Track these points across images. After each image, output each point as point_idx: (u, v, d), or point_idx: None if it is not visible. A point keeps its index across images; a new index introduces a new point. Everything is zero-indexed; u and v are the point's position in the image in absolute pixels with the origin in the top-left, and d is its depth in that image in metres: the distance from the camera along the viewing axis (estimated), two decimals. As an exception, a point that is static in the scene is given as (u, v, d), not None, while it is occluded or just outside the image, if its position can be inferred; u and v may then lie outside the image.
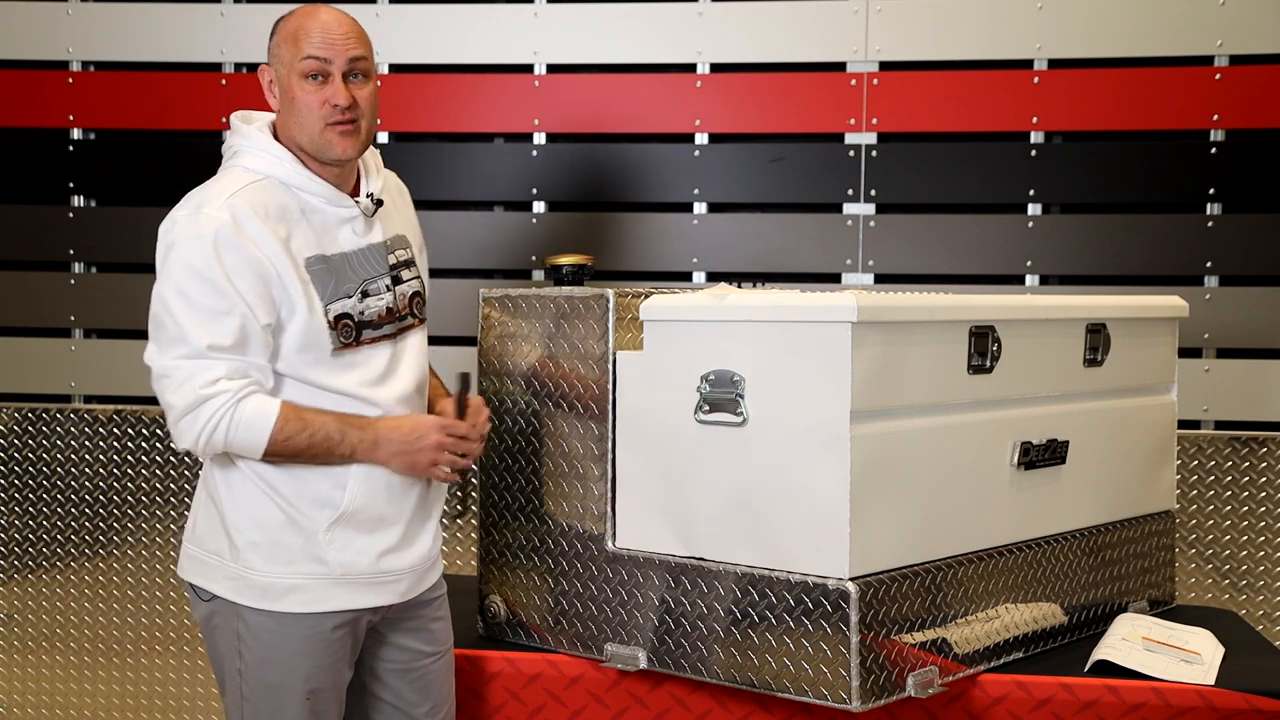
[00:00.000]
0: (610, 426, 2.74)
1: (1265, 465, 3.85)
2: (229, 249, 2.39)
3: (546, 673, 2.83)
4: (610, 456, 2.75)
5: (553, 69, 4.04)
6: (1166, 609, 3.20)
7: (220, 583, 2.54)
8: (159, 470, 4.14)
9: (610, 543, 2.76)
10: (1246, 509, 3.87)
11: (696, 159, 4.00)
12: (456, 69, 4.07)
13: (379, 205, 2.59)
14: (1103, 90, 3.87)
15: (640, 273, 3.97)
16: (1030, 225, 3.92)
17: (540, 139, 4.06)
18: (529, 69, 4.06)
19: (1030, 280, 3.92)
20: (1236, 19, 3.82)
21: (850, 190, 3.94)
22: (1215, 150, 3.86)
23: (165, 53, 4.16)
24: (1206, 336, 3.87)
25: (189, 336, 2.39)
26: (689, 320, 2.64)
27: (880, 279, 3.94)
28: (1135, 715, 2.63)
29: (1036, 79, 3.89)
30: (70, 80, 4.20)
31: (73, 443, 4.17)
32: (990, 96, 3.90)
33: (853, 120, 3.93)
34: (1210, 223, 3.88)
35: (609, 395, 2.74)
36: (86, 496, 4.17)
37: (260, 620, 2.51)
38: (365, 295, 2.54)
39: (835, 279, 3.96)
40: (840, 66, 3.94)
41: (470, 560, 3.55)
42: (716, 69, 4.00)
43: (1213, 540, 3.88)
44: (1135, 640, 2.79)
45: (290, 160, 2.51)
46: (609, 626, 2.77)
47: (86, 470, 4.16)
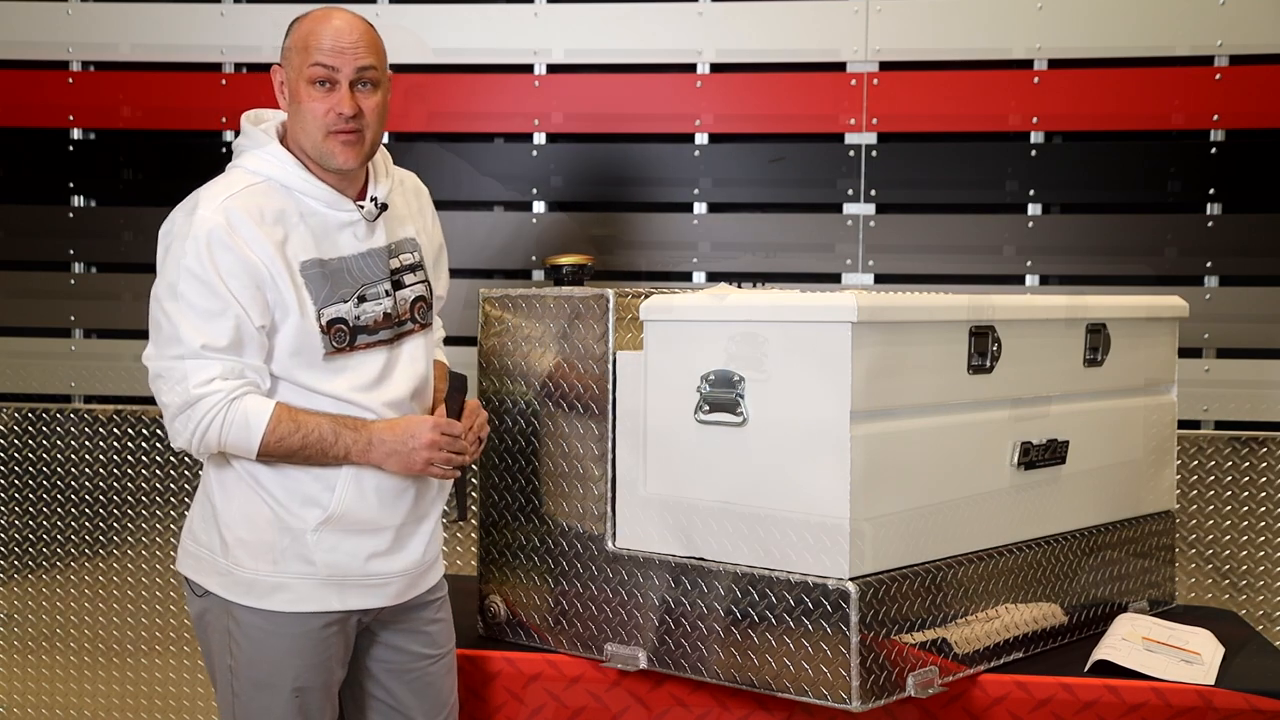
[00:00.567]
0: (610, 426, 2.75)
1: (1265, 465, 3.86)
2: (222, 250, 2.41)
3: (546, 672, 2.84)
4: (610, 456, 2.76)
5: (553, 69, 4.06)
6: (1166, 609, 3.21)
7: (212, 578, 2.56)
8: (159, 470, 4.15)
9: (610, 543, 2.77)
10: (1246, 509, 3.87)
11: (696, 158, 4.02)
12: (457, 69, 4.09)
13: (383, 209, 2.59)
14: (1102, 90, 3.89)
15: (640, 273, 3.99)
16: (1030, 225, 3.93)
17: (540, 139, 4.08)
18: (529, 69, 4.08)
19: (1030, 280, 3.93)
20: (1236, 19, 3.83)
21: (850, 190, 3.95)
22: (1215, 150, 3.87)
23: (165, 53, 4.17)
24: (1206, 336, 3.88)
25: (183, 337, 2.40)
26: (689, 320, 2.65)
27: (880, 279, 3.96)
28: (1135, 715, 2.64)
29: (1036, 79, 3.91)
30: (70, 80, 4.21)
31: (72, 443, 4.17)
32: (990, 96, 3.92)
33: (852, 120, 3.95)
34: (1210, 223, 3.89)
35: (609, 395, 2.75)
36: (86, 496, 4.18)
37: (250, 618, 2.53)
38: (362, 300, 2.54)
39: (835, 279, 3.97)
40: (840, 66, 3.96)
41: (470, 560, 3.55)
42: (717, 69, 4.02)
43: (1213, 540, 3.89)
44: (1135, 640, 2.80)
45: (292, 163, 2.51)
46: (609, 626, 2.78)
47: (86, 470, 4.17)
